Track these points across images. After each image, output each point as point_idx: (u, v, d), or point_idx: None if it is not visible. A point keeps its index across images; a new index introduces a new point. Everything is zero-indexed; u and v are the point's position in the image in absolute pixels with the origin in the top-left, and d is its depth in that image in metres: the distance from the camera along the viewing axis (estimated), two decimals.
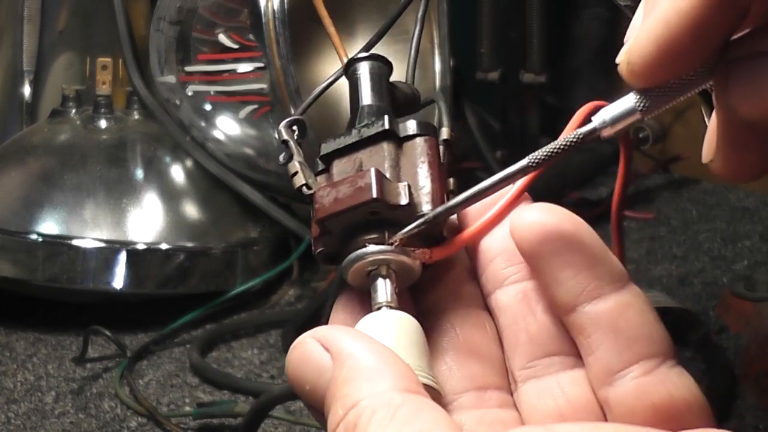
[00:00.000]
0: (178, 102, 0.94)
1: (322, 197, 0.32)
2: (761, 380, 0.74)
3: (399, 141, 0.34)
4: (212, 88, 0.92)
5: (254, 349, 0.85)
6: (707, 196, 1.15)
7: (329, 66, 0.97)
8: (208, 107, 0.92)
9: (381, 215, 0.32)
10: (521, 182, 0.33)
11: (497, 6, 1.15)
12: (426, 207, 0.32)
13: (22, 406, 0.75)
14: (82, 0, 1.06)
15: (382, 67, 0.38)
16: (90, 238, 0.86)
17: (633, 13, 0.31)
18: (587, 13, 1.28)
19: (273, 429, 0.71)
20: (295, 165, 0.35)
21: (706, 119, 0.34)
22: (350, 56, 0.39)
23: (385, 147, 0.34)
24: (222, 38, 0.90)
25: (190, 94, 0.93)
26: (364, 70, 0.38)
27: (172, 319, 0.86)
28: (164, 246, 0.88)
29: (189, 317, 0.86)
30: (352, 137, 0.35)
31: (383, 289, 0.32)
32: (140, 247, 0.87)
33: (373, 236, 0.32)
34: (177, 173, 0.94)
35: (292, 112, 0.88)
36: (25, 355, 0.83)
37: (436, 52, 1.00)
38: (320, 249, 0.34)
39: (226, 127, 0.92)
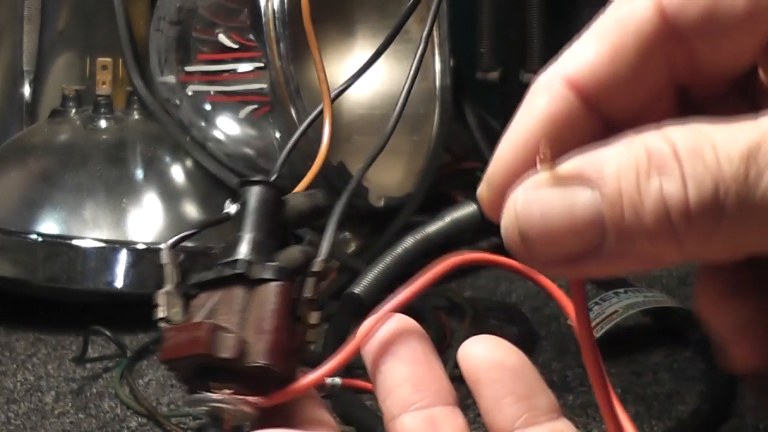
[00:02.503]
0: (178, 102, 0.94)
1: (168, 339, 0.35)
2: (761, 380, 0.73)
3: (253, 283, 0.35)
4: (212, 88, 0.92)
5: None
6: None
7: (329, 66, 0.97)
8: (208, 107, 0.92)
9: (214, 364, 0.34)
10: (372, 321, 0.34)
11: (497, 5, 1.15)
12: (261, 358, 0.33)
13: (22, 406, 0.75)
14: (82, 0, 1.06)
15: (269, 192, 0.38)
16: (90, 238, 0.86)
17: None
18: (587, 13, 1.27)
19: None
20: (159, 295, 0.36)
21: None
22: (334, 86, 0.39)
23: (237, 291, 0.35)
24: (222, 38, 0.89)
25: (190, 94, 0.93)
26: (251, 195, 0.38)
27: None
28: (164, 246, 0.88)
29: None
30: (212, 273, 0.36)
31: None
32: (140, 247, 0.87)
33: (207, 383, 0.34)
34: (177, 173, 0.94)
35: (292, 112, 0.88)
36: (25, 355, 0.83)
37: (436, 52, 1.00)
38: (176, 374, 0.36)
39: (226, 127, 0.92)
